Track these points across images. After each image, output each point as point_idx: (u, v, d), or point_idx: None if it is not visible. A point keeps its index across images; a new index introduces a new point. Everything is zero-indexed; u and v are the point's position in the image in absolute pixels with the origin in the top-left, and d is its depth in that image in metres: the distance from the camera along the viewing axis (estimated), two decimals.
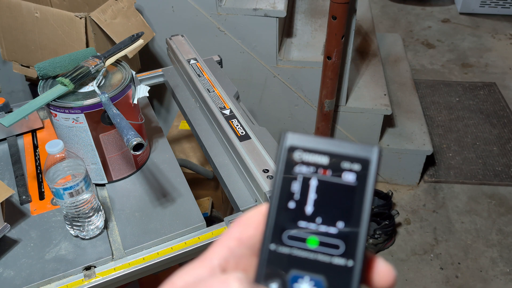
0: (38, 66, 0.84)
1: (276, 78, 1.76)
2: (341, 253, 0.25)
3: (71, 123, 0.82)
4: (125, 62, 0.92)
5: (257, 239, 0.27)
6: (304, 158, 0.27)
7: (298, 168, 0.27)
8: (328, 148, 0.27)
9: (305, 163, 0.27)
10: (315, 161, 0.27)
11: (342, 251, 0.25)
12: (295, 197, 0.26)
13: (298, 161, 0.27)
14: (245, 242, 0.27)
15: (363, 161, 0.26)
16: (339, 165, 0.26)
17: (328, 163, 0.26)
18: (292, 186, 0.27)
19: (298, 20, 2.00)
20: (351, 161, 0.26)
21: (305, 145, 0.27)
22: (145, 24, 1.55)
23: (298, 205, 0.26)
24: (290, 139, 0.27)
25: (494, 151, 2.17)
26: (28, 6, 1.39)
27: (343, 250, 0.25)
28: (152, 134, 1.04)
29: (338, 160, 0.26)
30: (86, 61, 0.86)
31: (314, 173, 0.27)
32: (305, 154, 0.27)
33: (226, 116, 0.98)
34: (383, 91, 1.90)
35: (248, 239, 0.27)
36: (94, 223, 0.80)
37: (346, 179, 0.26)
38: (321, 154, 0.27)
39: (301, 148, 0.27)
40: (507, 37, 2.95)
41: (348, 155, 0.26)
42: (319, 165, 0.27)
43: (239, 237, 0.27)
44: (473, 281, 1.65)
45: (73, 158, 0.75)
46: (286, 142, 0.27)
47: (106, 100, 0.80)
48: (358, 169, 0.26)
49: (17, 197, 0.90)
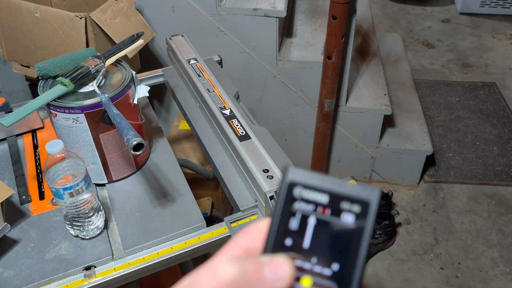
0: (38, 66, 0.84)
1: (276, 78, 1.76)
2: None
3: (71, 123, 0.82)
4: (125, 62, 0.92)
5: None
6: (304, 195, 0.26)
7: (297, 204, 0.26)
8: (329, 187, 0.26)
9: (305, 200, 0.26)
10: (315, 199, 0.26)
11: None
12: (292, 235, 0.26)
13: (298, 198, 0.26)
14: (251, 253, 0.26)
15: (363, 203, 0.26)
16: (339, 205, 0.26)
17: (328, 202, 0.26)
18: (291, 223, 0.26)
19: (298, 20, 2.00)
20: (351, 202, 0.26)
21: (306, 181, 0.27)
22: (145, 24, 1.55)
23: (294, 243, 0.26)
24: (292, 174, 0.27)
25: (494, 151, 2.17)
26: (28, 6, 1.39)
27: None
28: (152, 134, 1.04)
29: (338, 200, 0.26)
30: (86, 61, 0.86)
31: (313, 211, 0.26)
32: (305, 191, 0.26)
33: (226, 116, 0.98)
34: (383, 91, 1.90)
35: (255, 251, 0.26)
36: (94, 223, 0.80)
37: (345, 220, 0.26)
38: (321, 192, 0.26)
39: (302, 185, 0.27)
40: (507, 37, 2.95)
41: (348, 196, 0.26)
42: (318, 203, 0.26)
43: (246, 248, 0.27)
44: (473, 281, 1.65)
45: (73, 158, 0.75)
46: (288, 177, 0.27)
47: (106, 100, 0.80)
48: (357, 211, 0.26)
49: (17, 197, 0.90)
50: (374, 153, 1.94)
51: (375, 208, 0.26)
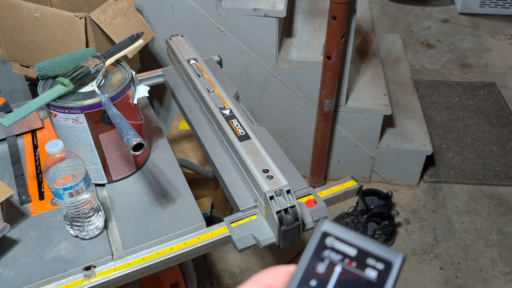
0: (38, 66, 0.84)
1: (276, 78, 1.76)
2: None
3: (71, 123, 0.82)
4: (125, 62, 0.92)
5: None
6: (335, 245, 0.29)
7: (327, 252, 0.29)
8: (358, 242, 0.29)
9: (335, 250, 0.29)
10: (344, 250, 0.29)
11: None
12: (318, 276, 0.28)
13: (329, 246, 0.29)
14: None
15: (387, 262, 0.28)
16: (365, 260, 0.28)
17: (355, 256, 0.28)
18: (318, 267, 0.28)
19: (298, 20, 2.00)
20: (376, 260, 0.28)
21: (338, 234, 0.29)
22: (145, 24, 1.55)
23: (319, 284, 0.28)
24: (326, 225, 0.30)
25: (494, 151, 2.17)
26: (28, 6, 1.39)
27: None
28: (152, 134, 1.04)
29: (365, 255, 0.28)
30: (86, 61, 0.86)
31: (341, 261, 0.28)
32: (336, 242, 0.29)
33: (226, 116, 0.98)
34: (383, 91, 1.90)
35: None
36: (94, 223, 0.80)
37: (368, 274, 0.28)
38: (350, 246, 0.29)
39: (334, 236, 0.29)
40: (506, 37, 2.95)
41: (375, 254, 0.28)
42: (346, 255, 0.28)
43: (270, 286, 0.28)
44: (473, 281, 1.66)
45: (73, 158, 0.75)
46: (322, 227, 0.30)
47: (106, 100, 0.80)
48: (381, 268, 0.28)
49: (17, 197, 0.90)
50: (374, 153, 1.94)
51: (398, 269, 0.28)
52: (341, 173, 2.04)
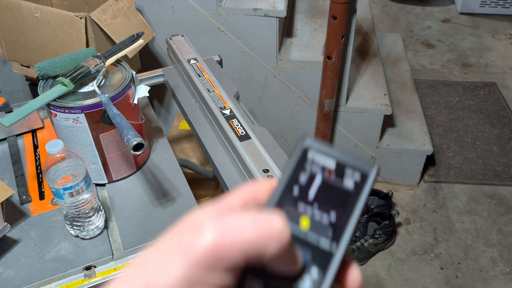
0: (38, 66, 0.84)
1: (276, 78, 1.76)
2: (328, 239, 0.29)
3: (71, 123, 0.82)
4: (125, 62, 0.92)
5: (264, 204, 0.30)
6: (315, 158, 0.31)
7: (308, 164, 0.31)
8: (337, 156, 0.31)
9: (315, 162, 0.31)
10: (324, 163, 0.31)
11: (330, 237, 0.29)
12: (300, 185, 0.30)
13: (310, 159, 0.31)
14: (259, 200, 0.30)
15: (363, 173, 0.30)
16: (343, 171, 0.31)
17: (334, 168, 0.31)
18: (300, 176, 0.31)
19: (298, 20, 2.00)
20: (354, 171, 0.31)
21: (319, 148, 0.32)
22: (145, 24, 1.55)
23: (301, 192, 0.30)
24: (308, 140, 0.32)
25: (494, 151, 2.17)
26: (28, 6, 1.39)
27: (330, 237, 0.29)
28: (152, 134, 1.04)
29: (343, 167, 0.31)
30: (86, 61, 0.86)
31: (321, 172, 0.31)
32: (317, 155, 0.31)
33: (226, 116, 0.98)
34: (383, 91, 1.90)
35: (262, 199, 0.30)
36: (94, 223, 0.80)
37: (346, 183, 0.30)
38: (330, 158, 0.31)
39: (315, 150, 0.32)
40: (507, 37, 2.95)
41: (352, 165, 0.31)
42: (327, 167, 0.31)
43: (254, 194, 0.30)
44: (473, 281, 1.65)
45: (73, 158, 0.75)
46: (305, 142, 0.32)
47: (106, 100, 0.80)
48: (357, 178, 0.30)
49: (17, 197, 0.90)
50: (374, 153, 1.94)
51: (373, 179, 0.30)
52: None
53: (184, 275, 0.24)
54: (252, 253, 0.25)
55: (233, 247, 0.25)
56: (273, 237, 0.25)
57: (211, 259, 0.25)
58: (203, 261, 0.24)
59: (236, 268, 0.25)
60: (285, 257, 0.27)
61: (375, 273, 1.70)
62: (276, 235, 0.25)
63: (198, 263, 0.24)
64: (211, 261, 0.25)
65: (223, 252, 0.25)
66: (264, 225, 0.26)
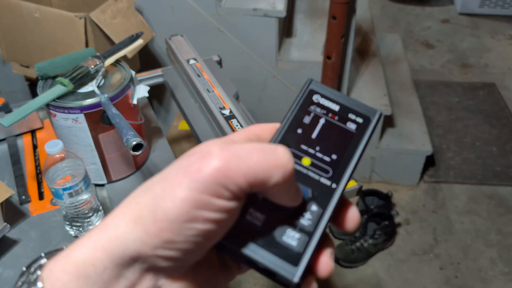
0: (38, 66, 0.84)
1: (276, 78, 1.76)
2: (329, 177, 0.30)
3: (70, 123, 0.82)
4: (124, 62, 0.92)
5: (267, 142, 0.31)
6: (320, 101, 0.32)
7: (313, 107, 0.32)
8: (342, 100, 0.32)
9: (320, 105, 0.32)
10: (328, 106, 0.32)
11: (330, 175, 0.30)
12: (304, 126, 0.32)
13: (315, 102, 0.32)
14: (261, 139, 0.31)
15: (366, 118, 0.32)
16: (347, 115, 0.32)
17: (338, 111, 0.32)
18: (304, 118, 0.32)
19: (298, 20, 2.00)
20: (356, 115, 0.32)
21: (324, 92, 0.33)
22: (145, 24, 1.55)
23: (304, 132, 0.31)
24: (314, 84, 0.33)
25: (494, 151, 2.17)
26: (28, 6, 1.39)
27: (330, 175, 0.30)
28: (152, 134, 1.04)
29: (347, 111, 0.32)
30: (86, 61, 0.86)
31: (325, 114, 0.32)
32: (322, 99, 0.32)
33: (225, 116, 0.98)
34: (383, 91, 1.90)
35: (264, 138, 0.31)
36: (94, 223, 0.80)
37: (349, 126, 0.32)
38: (334, 102, 0.32)
39: (320, 94, 0.33)
40: (506, 38, 2.95)
41: (355, 110, 0.32)
42: (330, 110, 0.32)
43: (258, 134, 0.31)
44: (472, 281, 1.66)
45: (73, 158, 0.75)
46: (310, 86, 0.33)
47: (105, 100, 0.80)
48: (360, 122, 0.32)
49: (16, 197, 0.90)
50: (374, 153, 1.94)
51: (375, 122, 0.32)
52: None
53: (191, 197, 0.25)
54: (257, 179, 0.26)
55: (239, 172, 0.25)
56: (278, 166, 0.26)
57: (217, 182, 0.25)
58: (210, 184, 0.25)
59: (241, 194, 0.26)
60: (287, 189, 0.27)
61: (375, 273, 1.70)
62: (281, 164, 0.26)
63: (204, 186, 0.25)
64: (217, 184, 0.25)
65: (230, 177, 0.25)
66: (270, 154, 0.26)
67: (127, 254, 0.25)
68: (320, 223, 0.29)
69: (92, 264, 0.25)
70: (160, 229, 0.25)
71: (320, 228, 0.29)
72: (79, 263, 0.26)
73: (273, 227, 0.28)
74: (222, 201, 0.25)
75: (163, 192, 0.26)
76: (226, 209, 0.26)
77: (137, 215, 0.26)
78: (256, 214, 0.29)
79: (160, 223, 0.25)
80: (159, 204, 0.25)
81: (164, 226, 0.25)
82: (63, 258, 0.27)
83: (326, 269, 0.29)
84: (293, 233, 0.28)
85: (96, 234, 0.26)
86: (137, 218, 0.26)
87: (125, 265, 0.26)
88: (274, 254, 0.28)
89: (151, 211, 0.25)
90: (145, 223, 0.25)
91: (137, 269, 0.26)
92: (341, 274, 1.68)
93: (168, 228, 0.25)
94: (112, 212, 0.27)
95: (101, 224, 0.27)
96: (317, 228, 0.29)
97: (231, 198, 0.26)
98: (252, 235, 0.28)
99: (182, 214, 0.25)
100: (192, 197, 0.25)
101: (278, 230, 0.28)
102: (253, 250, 0.28)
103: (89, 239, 0.26)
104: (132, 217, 0.26)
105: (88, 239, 0.26)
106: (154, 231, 0.25)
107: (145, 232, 0.25)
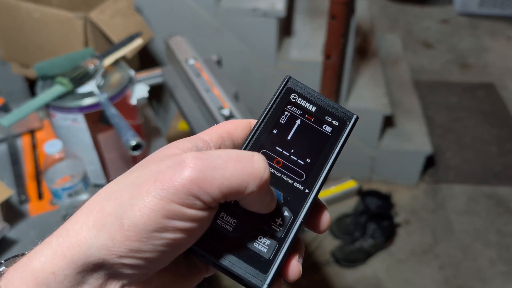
0: (37, 67, 0.84)
1: (276, 78, 1.76)
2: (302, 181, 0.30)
3: (69, 123, 0.82)
4: (123, 62, 0.92)
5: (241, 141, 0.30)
6: (297, 101, 0.32)
7: (289, 106, 0.31)
8: (319, 101, 0.32)
9: (297, 105, 0.31)
10: (305, 106, 0.31)
11: (303, 180, 0.30)
12: (280, 126, 0.31)
13: (292, 101, 0.32)
14: (234, 137, 0.30)
15: (342, 121, 0.31)
16: (323, 117, 0.31)
17: (314, 112, 0.31)
18: (280, 118, 0.31)
19: (297, 20, 2.00)
20: (333, 118, 0.31)
21: (301, 92, 0.32)
22: (144, 24, 1.55)
23: (279, 133, 0.31)
24: (291, 82, 0.32)
25: (493, 151, 2.17)
26: (27, 6, 1.39)
27: (303, 180, 0.30)
28: (151, 134, 1.04)
29: (323, 113, 0.31)
30: (85, 61, 0.86)
31: (301, 115, 0.31)
32: (299, 98, 0.32)
33: (225, 116, 0.98)
34: (382, 91, 1.90)
35: (237, 136, 0.30)
36: None
37: (324, 129, 0.31)
38: (311, 103, 0.32)
39: (298, 93, 0.32)
40: (505, 38, 2.95)
41: (332, 112, 0.32)
42: (307, 110, 0.31)
43: (231, 131, 0.30)
44: (471, 281, 1.66)
45: (72, 158, 0.75)
46: (288, 83, 0.32)
47: (104, 100, 0.80)
48: (336, 125, 0.31)
49: (16, 198, 0.90)
50: (373, 153, 1.94)
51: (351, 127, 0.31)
52: (340, 173, 2.04)
53: (161, 206, 0.24)
54: (231, 190, 0.25)
55: (214, 183, 0.24)
56: (254, 176, 0.25)
57: (190, 192, 0.24)
58: (181, 194, 0.24)
59: (214, 204, 0.25)
60: (262, 198, 0.27)
61: (374, 273, 1.70)
62: (257, 174, 0.25)
63: (176, 196, 0.24)
64: (189, 195, 0.24)
65: (203, 187, 0.24)
66: (246, 163, 0.25)
67: (90, 261, 0.24)
68: (291, 230, 0.28)
69: (52, 272, 0.24)
70: (127, 238, 0.24)
71: (291, 235, 0.28)
72: (38, 271, 0.25)
73: (244, 233, 0.28)
74: (194, 211, 0.25)
75: (131, 199, 0.24)
76: (197, 219, 0.25)
77: (102, 222, 0.25)
78: (227, 218, 0.28)
79: (127, 232, 0.24)
80: (126, 212, 0.24)
81: (130, 235, 0.24)
82: (22, 266, 0.25)
83: (294, 274, 0.28)
84: (263, 239, 0.28)
85: (56, 241, 0.25)
86: (101, 225, 0.24)
87: (88, 271, 0.25)
88: (243, 261, 0.27)
89: (117, 219, 0.24)
90: (110, 231, 0.24)
91: (101, 276, 0.25)
92: (341, 274, 1.68)
93: (135, 237, 0.24)
94: (73, 216, 0.26)
95: (61, 229, 0.26)
96: (288, 235, 0.28)
97: (203, 208, 0.25)
98: (222, 241, 0.28)
99: (150, 224, 0.24)
100: (162, 207, 0.24)
101: (249, 236, 0.28)
102: (223, 256, 0.27)
103: (48, 245, 0.25)
104: (96, 223, 0.25)
105: (47, 245, 0.25)
106: (120, 240, 0.24)
107: (111, 240, 0.24)
